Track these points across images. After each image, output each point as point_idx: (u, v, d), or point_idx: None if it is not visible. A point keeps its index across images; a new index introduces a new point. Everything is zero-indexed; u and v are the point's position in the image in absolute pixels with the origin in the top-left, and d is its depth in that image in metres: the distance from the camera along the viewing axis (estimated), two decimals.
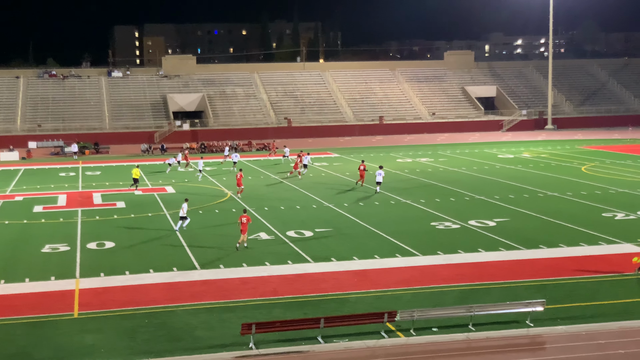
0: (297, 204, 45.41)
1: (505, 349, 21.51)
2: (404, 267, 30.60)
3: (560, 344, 21.75)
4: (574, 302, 25.48)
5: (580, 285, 27.49)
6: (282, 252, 33.29)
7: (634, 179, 52.86)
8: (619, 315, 23.97)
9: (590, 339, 21.98)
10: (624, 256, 31.63)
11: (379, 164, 65.10)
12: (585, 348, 21.27)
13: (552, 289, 26.97)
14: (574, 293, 26.55)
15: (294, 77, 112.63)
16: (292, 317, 23.81)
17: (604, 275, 28.63)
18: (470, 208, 43.24)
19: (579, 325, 23.06)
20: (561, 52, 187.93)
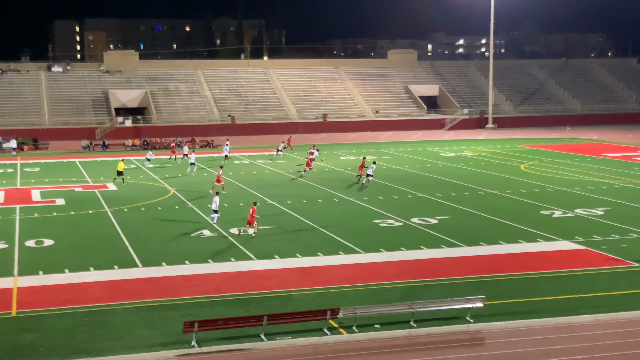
0: (241, 202, 45.25)
1: (446, 344, 21.79)
2: (347, 264, 30.76)
3: (499, 339, 22.12)
4: (513, 298, 25.94)
5: (519, 282, 27.99)
6: (226, 249, 33.16)
7: (572, 178, 54.02)
8: (556, 311, 24.47)
9: (528, 334, 22.40)
10: (562, 253, 32.31)
11: (324, 161, 65.30)
12: (524, 343, 21.66)
13: (492, 286, 27.41)
14: (513, 289, 27.03)
15: (238, 75, 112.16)
16: (235, 314, 23.74)
17: (542, 272, 29.21)
18: (413, 206, 43.66)
19: (517, 321, 23.48)
20: (502, 52, 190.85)
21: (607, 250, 32.34)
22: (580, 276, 28.70)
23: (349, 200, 45.85)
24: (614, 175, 54.83)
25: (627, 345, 21.35)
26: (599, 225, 37.59)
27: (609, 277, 28.57)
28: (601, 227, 36.94)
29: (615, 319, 23.61)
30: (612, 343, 21.54)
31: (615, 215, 39.99)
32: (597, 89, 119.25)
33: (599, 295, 26.14)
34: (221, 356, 20.94)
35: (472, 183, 52.05)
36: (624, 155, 68.17)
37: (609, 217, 39.36)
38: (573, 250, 32.83)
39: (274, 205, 44.14)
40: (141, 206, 44.07)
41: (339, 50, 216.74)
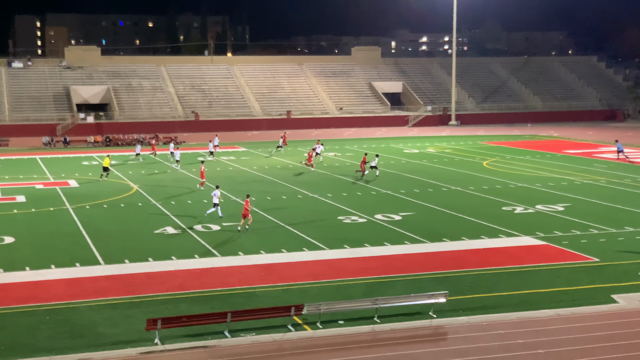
0: (205, 198, 45.07)
1: (409, 339, 21.94)
2: (311, 260, 30.82)
3: (461, 334, 22.33)
4: (476, 293, 26.20)
5: (481, 277, 28.27)
6: (189, 246, 33.03)
7: (533, 174, 54.63)
8: (517, 305, 24.77)
9: (490, 329, 22.63)
10: (523, 248, 32.70)
11: (288, 158, 65.31)
12: (486, 338, 21.89)
13: (454, 281, 27.65)
14: (476, 284, 27.30)
15: (201, 71, 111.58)
16: (198, 311, 23.66)
17: (504, 267, 29.52)
18: (377, 202, 43.84)
19: (480, 316, 23.73)
20: (464, 50, 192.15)
21: (568, 246, 32.79)
22: (541, 271, 29.07)
23: (313, 197, 45.90)
24: (574, 172, 55.57)
25: (587, 340, 21.69)
26: (560, 221, 38.09)
27: (569, 272, 28.98)
28: (562, 223, 37.43)
29: (576, 314, 23.96)
30: (572, 337, 21.86)
31: (576, 211, 40.55)
32: (557, 86, 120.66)
33: (559, 290, 26.51)
34: (184, 353, 20.87)
35: (435, 179, 52.40)
36: (584, 152, 69.11)
37: (569, 213, 39.90)
38: (534, 245, 33.24)
39: (238, 202, 44.03)
40: (103, 203, 43.70)
41: (302, 47, 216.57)
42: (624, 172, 55.16)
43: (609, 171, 55.99)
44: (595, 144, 75.54)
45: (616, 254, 31.46)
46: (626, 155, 63.92)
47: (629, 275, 28.18)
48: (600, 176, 53.34)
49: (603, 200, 43.63)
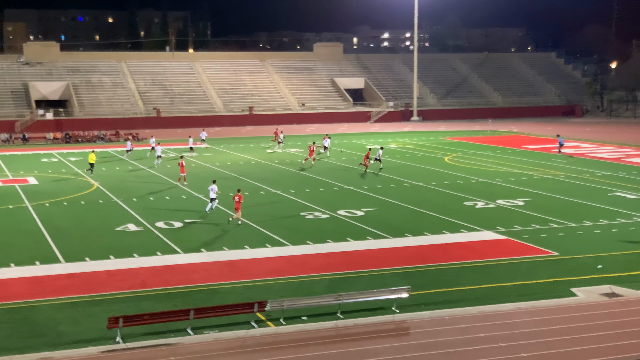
0: (167, 195, 44.81)
1: (372, 335, 22.03)
2: (274, 257, 30.79)
3: (424, 328, 22.48)
4: (438, 288, 26.39)
5: (443, 272, 28.48)
6: (151, 243, 32.81)
7: (494, 169, 55.15)
8: (479, 300, 25.00)
9: (452, 323, 22.81)
10: (484, 243, 33.01)
11: (250, 154, 65.20)
12: (448, 332, 22.06)
13: (417, 276, 27.82)
14: (438, 279, 27.49)
15: (163, 67, 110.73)
16: (161, 309, 23.50)
17: (466, 262, 29.78)
18: (339, 198, 43.93)
19: (442, 310, 23.90)
20: (426, 46, 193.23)
21: (528, 240, 33.17)
22: (502, 265, 29.37)
23: (276, 192, 45.85)
24: (534, 167, 56.21)
25: (547, 333, 21.96)
26: (520, 215, 38.50)
27: (529, 266, 29.33)
28: (522, 218, 37.85)
29: (536, 307, 24.25)
30: (532, 330, 22.12)
31: (535, 205, 41.02)
32: (517, 82, 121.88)
33: (520, 284, 26.81)
34: (147, 351, 20.73)
35: (397, 175, 52.64)
36: (544, 147, 69.94)
37: (529, 208, 40.36)
38: (495, 240, 33.58)
39: (200, 198, 43.83)
40: (63, 200, 43.21)
41: (264, 43, 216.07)
42: (582, 167, 55.93)
43: (568, 166, 56.74)
44: (555, 140, 76.45)
45: (575, 247, 31.91)
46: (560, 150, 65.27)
47: (587, 269, 28.60)
48: (559, 171, 54.03)
49: (562, 195, 44.21)
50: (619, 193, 44.82)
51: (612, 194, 44.62)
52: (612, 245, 32.13)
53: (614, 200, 42.55)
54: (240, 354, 20.62)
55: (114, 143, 77.94)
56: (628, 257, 30.40)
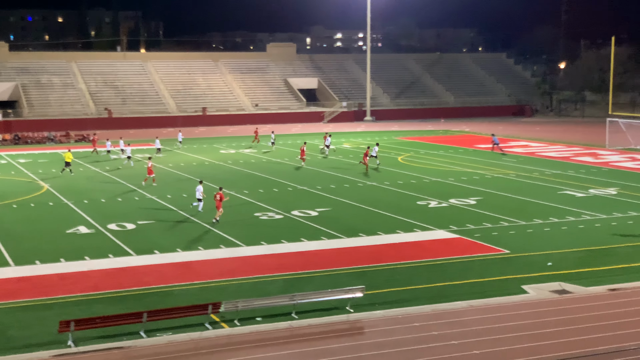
0: (119, 197, 44.37)
1: (327, 335, 22.09)
2: (228, 258, 30.69)
3: (378, 328, 22.61)
4: (392, 287, 26.56)
5: (397, 271, 28.68)
6: (103, 245, 32.45)
7: (446, 169, 55.68)
8: (432, 298, 25.22)
9: (406, 322, 22.98)
10: (437, 242, 33.32)
11: (204, 155, 64.89)
12: (402, 331, 22.23)
13: (371, 275, 27.97)
14: (392, 278, 27.67)
15: (114, 67, 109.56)
16: (113, 312, 23.26)
17: (420, 261, 30.02)
18: (293, 198, 43.94)
19: (396, 309, 24.06)
20: (379, 46, 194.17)
21: (480, 238, 33.57)
22: (455, 264, 29.69)
23: (229, 193, 45.67)
24: (486, 166, 56.89)
25: (499, 330, 22.26)
26: (472, 214, 38.95)
27: (481, 264, 29.68)
28: (474, 216, 38.28)
29: (488, 305, 24.56)
30: (484, 328, 22.40)
31: (487, 204, 41.53)
32: (469, 82, 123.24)
33: (472, 282, 27.13)
34: (99, 355, 20.51)
35: (351, 175, 52.83)
36: (495, 147, 70.72)
37: (481, 207, 40.84)
38: (448, 239, 33.91)
39: (153, 199, 43.49)
40: (12, 203, 42.51)
41: (217, 44, 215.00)
42: (532, 166, 56.77)
43: (518, 165, 57.54)
44: (505, 139, 77.43)
45: (526, 245, 32.38)
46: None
47: (538, 266, 29.05)
48: (510, 170, 54.76)
49: (513, 194, 44.82)
50: (567, 191, 45.59)
51: (562, 192, 45.38)
52: (561, 243, 32.68)
53: (563, 198, 43.28)
54: (194, 356, 20.51)
55: (64, 144, 76.76)
56: (577, 254, 30.95)
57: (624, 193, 44.80)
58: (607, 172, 53.91)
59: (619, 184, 48.19)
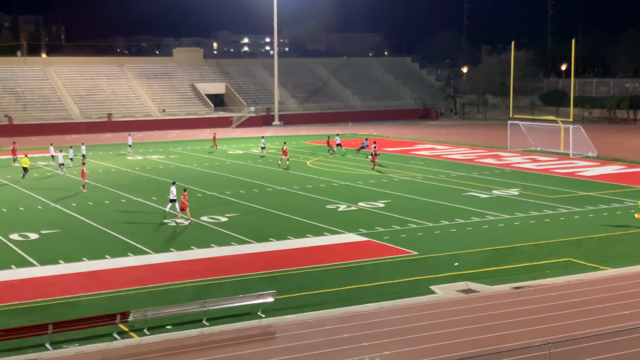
0: (21, 205, 43.06)
1: (239, 341, 21.98)
2: (136, 265, 30.20)
3: (290, 332, 22.64)
4: (303, 291, 26.63)
5: (308, 275, 28.78)
6: (5, 256, 31.41)
7: (354, 172, 56.20)
8: (344, 301, 25.42)
9: (318, 325, 23.09)
10: (347, 245, 33.60)
11: (110, 162, 63.66)
12: (314, 334, 22.31)
13: (282, 280, 27.98)
14: (303, 283, 27.75)
15: (14, 72, 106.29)
16: (17, 324, 22.54)
17: (330, 264, 30.21)
18: (203, 204, 43.54)
19: (307, 313, 24.15)
20: (286, 50, 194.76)
21: (389, 241, 34.03)
22: (365, 266, 30.00)
23: (137, 200, 44.98)
24: (393, 169, 57.70)
25: (409, 330, 22.60)
26: (381, 217, 39.43)
27: (390, 266, 30.09)
28: (383, 219, 38.77)
29: (397, 306, 24.91)
30: (395, 329, 22.70)
31: (395, 207, 42.13)
32: (376, 86, 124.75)
33: (382, 284, 27.46)
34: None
35: (260, 180, 52.76)
36: (402, 150, 71.94)
37: (389, 209, 41.40)
38: (358, 242, 34.24)
39: (57, 208, 42.39)
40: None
41: (122, 48, 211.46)
42: (438, 168, 57.88)
43: (425, 167, 58.59)
44: (412, 142, 78.78)
45: (433, 246, 33.00)
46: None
47: (445, 267, 29.64)
48: (417, 172, 55.70)
49: (420, 196, 45.61)
50: (472, 193, 46.70)
51: (466, 193, 46.44)
52: (467, 243, 33.45)
53: (468, 199, 44.29)
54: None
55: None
56: (482, 254, 31.74)
57: (525, 193, 46.19)
58: (509, 173, 55.47)
59: (521, 184, 49.66)
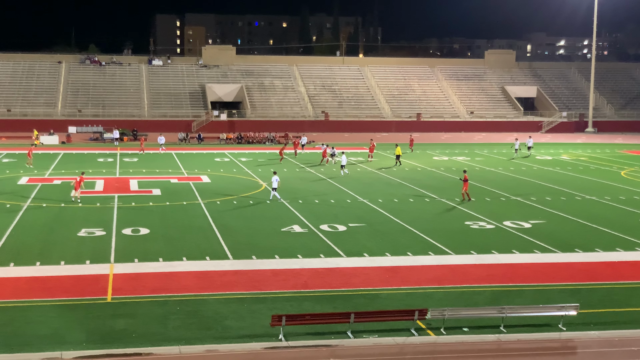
0: (332, 198, 45.38)
1: (536, 351, 21.29)
2: (436, 265, 30.45)
3: (592, 349, 21.49)
4: (608, 307, 25.14)
5: (614, 291, 27.12)
6: (315, 245, 33.28)
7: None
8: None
9: (622, 345, 21.67)
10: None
11: (416, 160, 64.98)
12: (618, 354, 20.99)
13: (586, 294, 26.65)
14: (608, 298, 26.20)
15: (332, 71, 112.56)
16: (322, 310, 23.80)
17: (638, 282, 28.20)
18: (506, 209, 42.86)
19: (612, 331, 22.75)
20: (604, 54, 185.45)
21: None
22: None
23: (441, 200, 45.37)
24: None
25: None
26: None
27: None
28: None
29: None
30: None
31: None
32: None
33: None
34: (307, 351, 21.03)
35: (568, 188, 50.75)
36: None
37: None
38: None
39: (365, 203, 44.08)
40: (233, 199, 44.70)
41: (434, 50, 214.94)
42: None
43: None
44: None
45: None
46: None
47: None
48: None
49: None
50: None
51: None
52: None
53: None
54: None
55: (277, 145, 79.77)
56: None
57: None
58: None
59: None
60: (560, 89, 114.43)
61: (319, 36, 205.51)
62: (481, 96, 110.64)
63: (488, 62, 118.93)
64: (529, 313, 23.35)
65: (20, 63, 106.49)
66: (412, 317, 22.50)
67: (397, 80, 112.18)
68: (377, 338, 21.95)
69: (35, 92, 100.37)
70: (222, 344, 21.34)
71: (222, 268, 29.26)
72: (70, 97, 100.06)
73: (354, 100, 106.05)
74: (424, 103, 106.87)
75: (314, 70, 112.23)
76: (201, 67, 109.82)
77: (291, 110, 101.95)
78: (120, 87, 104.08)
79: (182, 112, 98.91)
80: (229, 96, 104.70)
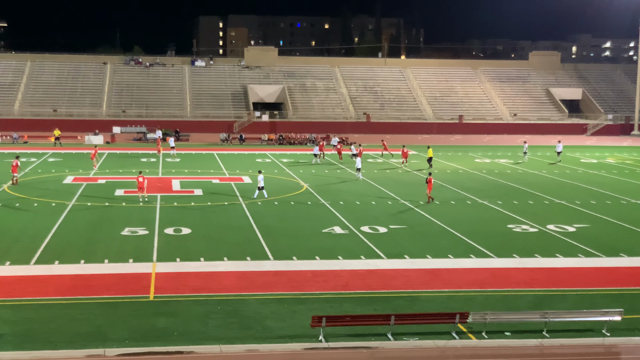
0: (372, 200, 45.29)
1: (580, 357, 21.01)
2: (477, 268, 30.20)
3: (636, 355, 21.16)
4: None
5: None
6: (355, 247, 33.23)
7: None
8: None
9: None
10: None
11: (458, 163, 64.53)
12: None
13: (631, 299, 26.20)
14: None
15: (374, 73, 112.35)
16: (362, 312, 23.76)
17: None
18: (549, 212, 42.37)
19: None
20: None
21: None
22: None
23: (482, 203, 45.01)
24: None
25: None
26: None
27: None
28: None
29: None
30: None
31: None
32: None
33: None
34: (347, 352, 21.00)
35: (614, 191, 50.00)
36: None
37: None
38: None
39: (406, 204, 43.91)
40: (274, 200, 44.84)
41: (477, 51, 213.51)
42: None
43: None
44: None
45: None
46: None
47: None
48: None
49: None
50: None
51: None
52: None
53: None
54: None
55: None
56: None
57: None
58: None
59: None
60: (606, 91, 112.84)
61: (361, 37, 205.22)
62: (525, 98, 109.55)
63: (532, 64, 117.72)
64: (572, 318, 23.04)
65: (66, 64, 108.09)
66: (453, 320, 22.34)
67: (439, 82, 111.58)
68: (418, 341, 21.84)
69: (80, 93, 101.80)
70: (262, 344, 21.40)
71: (262, 268, 29.36)
72: (114, 98, 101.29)
73: (395, 102, 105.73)
74: (466, 105, 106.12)
75: (355, 72, 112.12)
76: (243, 68, 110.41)
77: (333, 112, 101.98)
78: (164, 87, 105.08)
79: (224, 113, 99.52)
80: (270, 97, 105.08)
